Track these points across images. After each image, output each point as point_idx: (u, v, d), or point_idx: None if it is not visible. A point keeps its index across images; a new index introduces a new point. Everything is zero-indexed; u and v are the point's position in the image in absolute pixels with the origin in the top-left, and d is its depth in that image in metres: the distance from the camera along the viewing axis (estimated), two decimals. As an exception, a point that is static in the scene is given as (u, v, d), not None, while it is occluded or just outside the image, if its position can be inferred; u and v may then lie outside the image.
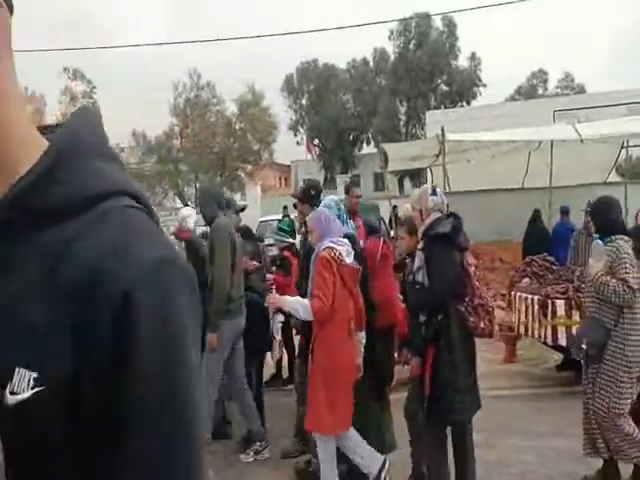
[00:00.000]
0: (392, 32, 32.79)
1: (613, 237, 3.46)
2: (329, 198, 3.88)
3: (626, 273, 3.35)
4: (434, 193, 3.37)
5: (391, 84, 33.20)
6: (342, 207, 3.80)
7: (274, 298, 3.48)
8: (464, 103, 32.06)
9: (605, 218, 3.58)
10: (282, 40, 31.90)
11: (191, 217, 4.93)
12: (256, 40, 28.89)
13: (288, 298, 3.42)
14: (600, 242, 3.57)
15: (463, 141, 9.87)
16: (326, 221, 3.43)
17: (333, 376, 3.28)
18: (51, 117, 25.35)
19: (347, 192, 5.22)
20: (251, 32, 57.13)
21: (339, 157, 35.93)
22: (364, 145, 36.98)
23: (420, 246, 3.37)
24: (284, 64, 53.66)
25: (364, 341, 3.49)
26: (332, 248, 3.30)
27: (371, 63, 35.01)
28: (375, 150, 27.37)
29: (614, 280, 3.38)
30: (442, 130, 9.13)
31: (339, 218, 3.68)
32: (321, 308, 3.22)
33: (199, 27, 50.41)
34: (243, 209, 5.89)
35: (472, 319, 3.20)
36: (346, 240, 3.43)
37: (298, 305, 3.32)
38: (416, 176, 25.14)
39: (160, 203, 24.50)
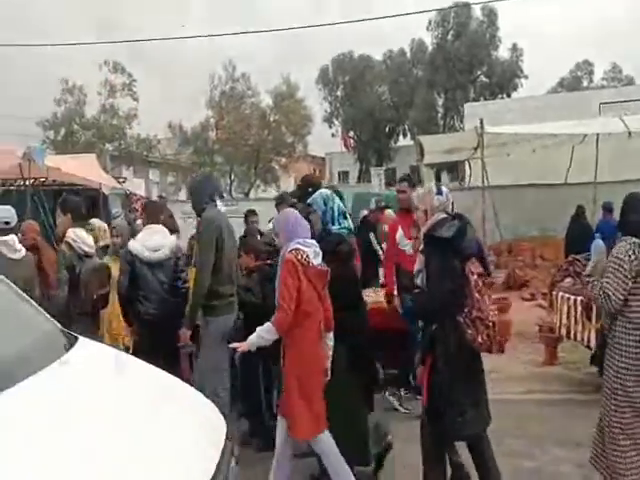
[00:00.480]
0: (430, 22, 32.26)
1: (624, 237, 3.18)
2: (318, 192, 3.75)
3: (606, 277, 3.09)
4: (439, 192, 3.22)
5: (428, 75, 32.61)
6: (333, 202, 3.65)
7: (236, 345, 3.30)
8: (504, 95, 31.22)
9: (629, 216, 3.28)
10: (317, 31, 31.77)
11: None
12: (291, 31, 28.79)
13: (250, 338, 3.21)
14: (601, 242, 3.34)
15: (502, 134, 9.58)
16: (293, 222, 3.31)
17: (306, 379, 3.20)
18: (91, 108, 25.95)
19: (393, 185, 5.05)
20: (287, 23, 57.13)
21: (374, 149, 35.58)
22: (400, 137, 36.57)
23: (421, 248, 3.23)
24: (319, 56, 53.47)
25: (331, 343, 3.40)
26: (298, 250, 3.18)
27: (408, 54, 34.45)
28: (411, 143, 26.99)
29: (597, 283, 3.15)
30: (481, 122, 8.87)
31: (325, 214, 3.54)
32: (284, 319, 3.11)
33: (234, 17, 50.62)
34: (294, 205, 5.84)
35: (470, 331, 3.01)
36: (313, 241, 3.30)
37: (262, 334, 3.16)
38: (454, 169, 24.72)
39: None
